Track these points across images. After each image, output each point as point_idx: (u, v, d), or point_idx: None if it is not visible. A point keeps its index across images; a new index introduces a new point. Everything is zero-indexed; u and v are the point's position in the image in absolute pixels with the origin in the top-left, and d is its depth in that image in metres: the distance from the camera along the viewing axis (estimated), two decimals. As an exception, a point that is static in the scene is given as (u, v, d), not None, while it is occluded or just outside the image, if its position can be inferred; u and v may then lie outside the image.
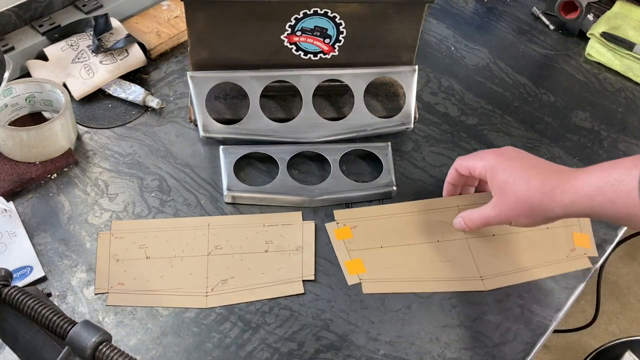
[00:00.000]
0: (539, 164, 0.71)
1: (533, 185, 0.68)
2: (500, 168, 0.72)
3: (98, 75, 0.90)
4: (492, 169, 0.72)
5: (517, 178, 0.69)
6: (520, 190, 0.69)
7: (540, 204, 0.67)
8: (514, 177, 0.70)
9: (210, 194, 0.82)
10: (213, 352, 0.68)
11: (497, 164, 0.72)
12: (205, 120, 0.85)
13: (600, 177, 0.64)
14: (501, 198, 0.71)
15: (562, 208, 0.66)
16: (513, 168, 0.71)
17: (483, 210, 0.74)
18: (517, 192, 0.69)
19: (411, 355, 0.69)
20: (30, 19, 0.93)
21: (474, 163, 0.75)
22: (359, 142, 0.87)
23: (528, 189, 0.68)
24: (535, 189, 0.68)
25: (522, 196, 0.69)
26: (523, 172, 0.70)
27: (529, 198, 0.68)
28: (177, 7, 1.02)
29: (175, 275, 0.74)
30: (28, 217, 0.77)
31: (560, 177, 0.67)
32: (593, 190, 0.64)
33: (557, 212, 0.67)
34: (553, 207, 0.67)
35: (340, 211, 0.81)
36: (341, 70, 0.87)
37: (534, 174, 0.69)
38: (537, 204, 0.68)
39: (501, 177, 0.71)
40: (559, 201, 0.66)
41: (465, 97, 0.98)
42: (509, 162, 0.72)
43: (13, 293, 0.52)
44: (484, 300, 0.74)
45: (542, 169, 0.70)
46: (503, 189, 0.71)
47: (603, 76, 1.05)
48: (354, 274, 0.75)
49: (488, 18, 1.13)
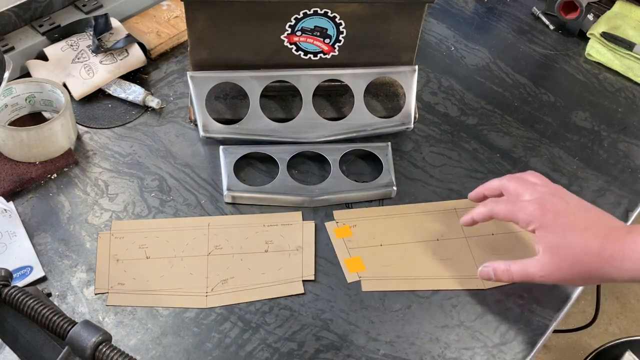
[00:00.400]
0: (593, 223, 0.67)
1: (591, 250, 0.65)
2: (550, 227, 0.67)
3: (98, 75, 0.90)
4: (541, 227, 0.68)
5: (573, 242, 0.66)
6: (577, 256, 0.65)
7: (599, 271, 0.65)
8: (569, 240, 0.66)
9: (210, 194, 0.82)
10: (213, 352, 0.68)
11: (547, 222, 0.67)
12: (205, 120, 0.85)
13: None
14: (552, 259, 0.67)
15: (622, 273, 0.64)
16: (566, 230, 0.67)
17: (527, 267, 0.69)
18: (574, 257, 0.66)
19: (411, 355, 0.69)
20: (30, 19, 0.93)
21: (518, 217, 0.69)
22: (359, 142, 0.87)
23: (586, 254, 0.65)
24: (594, 254, 0.65)
25: (579, 262, 0.65)
26: (578, 236, 0.66)
27: (587, 264, 0.65)
28: (177, 7, 1.02)
29: (175, 275, 0.74)
30: (28, 217, 0.77)
31: (618, 239, 0.65)
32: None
33: (616, 277, 0.65)
34: (612, 274, 0.65)
35: (340, 212, 0.81)
36: (341, 70, 0.87)
37: (590, 237, 0.65)
38: (594, 271, 0.65)
39: (553, 239, 0.67)
40: (619, 267, 0.64)
41: (465, 97, 0.98)
42: (561, 220, 0.67)
43: (13, 293, 0.52)
44: (484, 300, 0.74)
45: (597, 229, 0.66)
46: (556, 251, 0.67)
47: (603, 76, 1.05)
48: (353, 272, 0.75)
49: (488, 18, 1.13)
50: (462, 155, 0.90)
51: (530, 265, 0.68)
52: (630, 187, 0.88)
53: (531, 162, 0.90)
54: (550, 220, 0.67)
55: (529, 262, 0.69)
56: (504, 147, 0.91)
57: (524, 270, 0.69)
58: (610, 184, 0.88)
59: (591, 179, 0.89)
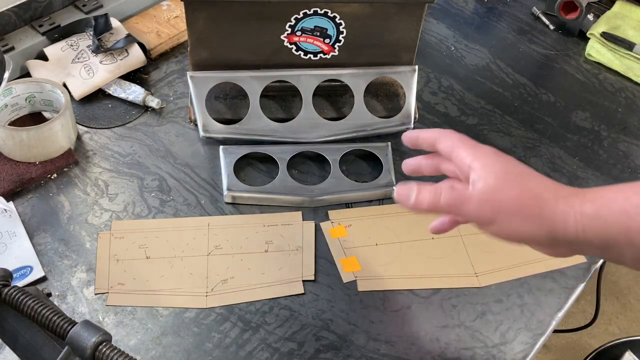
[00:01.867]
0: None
1: (548, 186, 0.53)
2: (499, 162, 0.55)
3: (98, 75, 0.90)
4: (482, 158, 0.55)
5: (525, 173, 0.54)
6: (530, 186, 0.53)
7: (553, 207, 0.51)
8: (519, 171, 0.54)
9: (210, 194, 0.82)
10: (213, 352, 0.68)
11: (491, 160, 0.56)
12: (205, 120, 0.85)
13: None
14: (500, 183, 0.53)
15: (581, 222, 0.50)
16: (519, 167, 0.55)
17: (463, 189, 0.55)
18: (525, 186, 0.53)
19: (411, 355, 0.69)
20: (30, 19, 0.93)
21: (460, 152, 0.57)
22: (359, 142, 0.87)
23: (540, 183, 0.53)
24: (551, 187, 0.52)
25: (532, 192, 0.52)
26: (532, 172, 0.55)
27: (540, 194, 0.52)
28: (177, 7, 1.02)
29: (175, 275, 0.74)
30: (28, 217, 0.77)
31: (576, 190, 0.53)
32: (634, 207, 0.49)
33: (570, 228, 0.50)
34: (567, 219, 0.51)
35: (335, 211, 0.81)
36: (341, 70, 0.87)
37: (546, 179, 0.54)
38: (549, 206, 0.51)
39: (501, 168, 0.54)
40: (578, 210, 0.50)
41: (465, 97, 0.98)
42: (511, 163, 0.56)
43: (13, 293, 0.52)
44: (484, 300, 0.74)
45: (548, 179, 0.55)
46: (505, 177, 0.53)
47: (603, 76, 1.05)
48: (349, 272, 0.75)
49: (488, 18, 1.13)
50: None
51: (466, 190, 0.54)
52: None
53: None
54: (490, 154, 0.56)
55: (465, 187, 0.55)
56: (504, 147, 0.91)
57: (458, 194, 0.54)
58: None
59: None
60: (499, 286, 0.76)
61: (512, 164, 0.55)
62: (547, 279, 0.77)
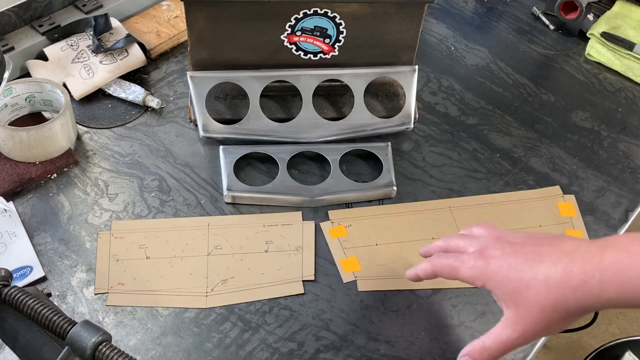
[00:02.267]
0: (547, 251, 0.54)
1: (554, 281, 0.52)
2: (500, 275, 0.55)
3: (98, 75, 0.90)
4: (489, 278, 0.56)
5: (529, 279, 0.53)
6: (541, 294, 0.52)
7: (575, 304, 0.51)
8: (525, 280, 0.53)
9: (210, 194, 0.82)
10: (213, 352, 0.68)
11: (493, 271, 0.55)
12: (205, 120, 0.85)
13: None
14: (517, 311, 0.54)
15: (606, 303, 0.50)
16: (517, 270, 0.54)
17: (499, 335, 0.56)
18: (538, 298, 0.52)
19: (411, 355, 0.69)
20: (30, 19, 0.93)
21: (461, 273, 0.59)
22: (359, 142, 0.87)
23: (550, 288, 0.52)
24: (560, 285, 0.51)
25: (547, 300, 0.52)
26: (533, 270, 0.53)
27: (557, 300, 0.51)
28: (177, 7, 1.02)
29: (175, 275, 0.74)
30: (28, 217, 0.77)
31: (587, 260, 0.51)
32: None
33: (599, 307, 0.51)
34: (592, 304, 0.51)
35: (335, 211, 0.81)
36: (341, 70, 0.87)
37: (549, 266, 0.53)
38: (570, 306, 0.51)
39: (507, 286, 0.54)
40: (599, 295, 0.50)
41: (465, 97, 0.98)
42: (507, 261, 0.55)
43: (13, 293, 0.52)
44: (484, 300, 0.74)
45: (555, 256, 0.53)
46: (517, 299, 0.53)
47: (603, 76, 1.05)
48: (349, 272, 0.75)
49: (488, 18, 1.13)
50: (462, 155, 0.90)
51: (501, 330, 0.56)
52: (630, 187, 0.88)
53: (531, 162, 0.90)
54: (497, 267, 0.56)
55: (499, 328, 0.57)
56: (504, 147, 0.91)
57: (499, 340, 0.56)
58: (610, 184, 0.88)
59: (591, 179, 0.89)
60: (499, 286, 0.76)
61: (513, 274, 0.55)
62: (547, 279, 0.77)
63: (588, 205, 0.85)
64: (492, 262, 0.56)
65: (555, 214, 0.83)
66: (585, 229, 0.82)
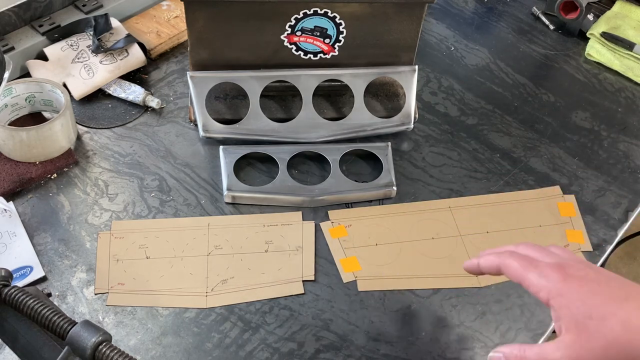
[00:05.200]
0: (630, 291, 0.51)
1: (635, 325, 0.48)
2: (575, 296, 0.51)
3: (98, 75, 0.90)
4: (561, 294, 0.52)
5: (607, 314, 0.49)
6: (614, 332, 0.48)
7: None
8: (602, 311, 0.50)
9: (210, 194, 0.82)
10: (213, 352, 0.68)
11: (569, 289, 0.51)
12: (205, 120, 0.85)
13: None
14: (579, 337, 0.50)
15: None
16: (596, 299, 0.50)
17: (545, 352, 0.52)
18: (609, 334, 0.48)
19: (411, 355, 0.69)
20: (30, 19, 0.93)
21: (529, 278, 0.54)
22: (359, 142, 0.87)
23: (626, 330, 0.48)
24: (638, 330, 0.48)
25: (617, 340, 0.48)
26: (616, 307, 0.49)
27: (629, 342, 0.48)
28: (177, 7, 1.02)
29: (175, 275, 0.74)
30: (28, 217, 0.77)
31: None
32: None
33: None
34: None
35: (335, 211, 0.81)
36: (341, 70, 0.87)
37: (632, 308, 0.49)
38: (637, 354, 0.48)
39: (579, 310, 0.50)
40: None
41: (465, 97, 0.98)
42: (587, 286, 0.51)
43: (13, 293, 0.52)
44: (484, 300, 0.74)
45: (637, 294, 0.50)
46: (583, 326, 0.50)
47: (603, 76, 1.05)
48: (349, 272, 0.75)
49: (488, 18, 1.13)
50: (462, 155, 0.90)
51: (550, 350, 0.52)
52: (630, 187, 0.88)
53: (531, 162, 0.90)
54: (574, 287, 0.51)
55: (547, 346, 0.52)
56: (504, 147, 0.91)
57: (543, 356, 0.52)
58: (610, 184, 0.88)
59: (591, 179, 0.89)
60: (499, 286, 0.76)
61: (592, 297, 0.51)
62: (547, 279, 0.77)
63: (588, 205, 0.85)
64: (570, 280, 0.52)
65: (555, 214, 0.83)
66: (585, 229, 0.82)
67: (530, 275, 0.53)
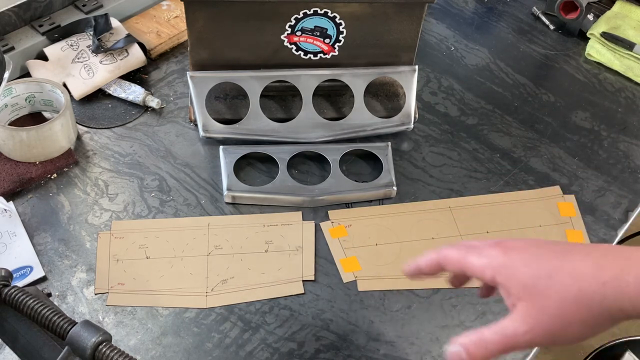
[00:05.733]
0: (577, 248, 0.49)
1: (582, 273, 0.46)
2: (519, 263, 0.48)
3: (98, 75, 0.90)
4: (505, 267, 0.49)
5: (552, 268, 0.47)
6: (564, 285, 0.46)
7: (602, 302, 0.44)
8: (547, 268, 0.47)
9: (210, 194, 0.82)
10: (213, 352, 0.68)
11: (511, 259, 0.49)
12: (205, 120, 0.85)
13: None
14: (533, 301, 0.47)
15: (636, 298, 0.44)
16: (539, 258, 0.48)
17: (504, 328, 0.49)
18: (560, 288, 0.46)
19: (411, 355, 0.69)
20: (30, 19, 0.93)
21: (470, 260, 0.51)
22: (359, 142, 0.87)
23: (575, 279, 0.46)
24: (588, 278, 0.45)
25: (569, 291, 0.46)
26: (558, 260, 0.47)
27: (580, 291, 0.45)
28: (177, 7, 1.02)
29: (175, 275, 0.74)
30: (28, 217, 0.77)
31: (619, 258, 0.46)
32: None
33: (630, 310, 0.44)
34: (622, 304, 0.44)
35: (335, 211, 0.81)
36: (341, 70, 0.87)
37: (578, 259, 0.47)
38: (595, 304, 0.45)
39: (526, 274, 0.48)
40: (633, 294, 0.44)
41: (465, 97, 0.98)
42: (528, 251, 0.49)
43: (13, 293, 0.52)
44: (484, 300, 0.74)
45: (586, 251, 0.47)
46: (533, 289, 0.47)
47: (603, 76, 1.05)
48: (349, 272, 0.75)
49: (488, 18, 1.13)
50: (462, 155, 0.90)
51: (507, 323, 0.49)
52: (630, 187, 0.88)
53: (531, 162, 0.90)
54: (517, 256, 0.49)
55: (505, 321, 0.49)
56: (504, 147, 0.91)
57: (502, 333, 0.49)
58: (610, 184, 0.88)
59: (591, 179, 0.89)
60: (499, 286, 0.76)
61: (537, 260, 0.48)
62: (547, 279, 0.77)
63: (588, 205, 0.85)
64: (511, 252, 0.49)
65: (555, 214, 0.83)
66: (585, 229, 0.82)
67: (471, 258, 0.51)
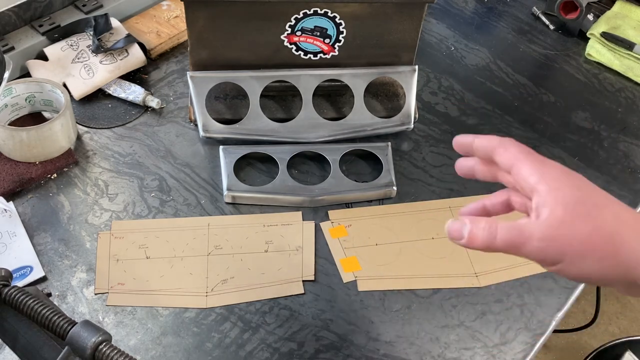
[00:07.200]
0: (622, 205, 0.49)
1: (627, 219, 0.46)
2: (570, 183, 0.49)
3: (98, 75, 0.90)
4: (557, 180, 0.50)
5: (599, 203, 0.48)
6: (604, 219, 0.46)
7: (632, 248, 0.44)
8: (594, 200, 0.48)
9: (210, 194, 0.82)
10: (213, 352, 0.68)
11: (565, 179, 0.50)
12: (205, 120, 0.85)
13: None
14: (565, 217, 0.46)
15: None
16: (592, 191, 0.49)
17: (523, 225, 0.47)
18: (599, 219, 0.46)
19: (411, 355, 0.69)
20: (30, 19, 0.93)
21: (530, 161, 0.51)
22: (359, 142, 0.87)
23: (617, 220, 0.46)
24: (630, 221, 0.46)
25: (605, 226, 0.46)
26: (607, 199, 0.48)
27: (617, 232, 0.45)
28: (177, 7, 1.02)
29: (175, 275, 0.74)
30: (28, 217, 0.77)
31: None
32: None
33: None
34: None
35: (335, 211, 0.81)
36: (341, 70, 0.87)
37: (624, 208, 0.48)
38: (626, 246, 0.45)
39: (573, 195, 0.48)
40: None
41: (465, 97, 0.98)
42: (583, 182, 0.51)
43: (13, 293, 0.52)
44: (484, 300, 0.74)
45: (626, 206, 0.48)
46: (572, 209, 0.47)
47: (603, 76, 1.05)
48: (349, 272, 0.75)
49: (488, 18, 1.13)
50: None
51: (527, 222, 0.47)
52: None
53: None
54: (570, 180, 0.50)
55: (522, 219, 0.48)
56: (504, 147, 0.91)
57: (518, 228, 0.47)
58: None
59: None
60: (499, 286, 0.76)
61: (586, 189, 0.49)
62: (547, 279, 0.77)
63: (588, 205, 0.85)
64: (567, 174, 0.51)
65: (555, 214, 0.83)
66: (585, 229, 0.82)
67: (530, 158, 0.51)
